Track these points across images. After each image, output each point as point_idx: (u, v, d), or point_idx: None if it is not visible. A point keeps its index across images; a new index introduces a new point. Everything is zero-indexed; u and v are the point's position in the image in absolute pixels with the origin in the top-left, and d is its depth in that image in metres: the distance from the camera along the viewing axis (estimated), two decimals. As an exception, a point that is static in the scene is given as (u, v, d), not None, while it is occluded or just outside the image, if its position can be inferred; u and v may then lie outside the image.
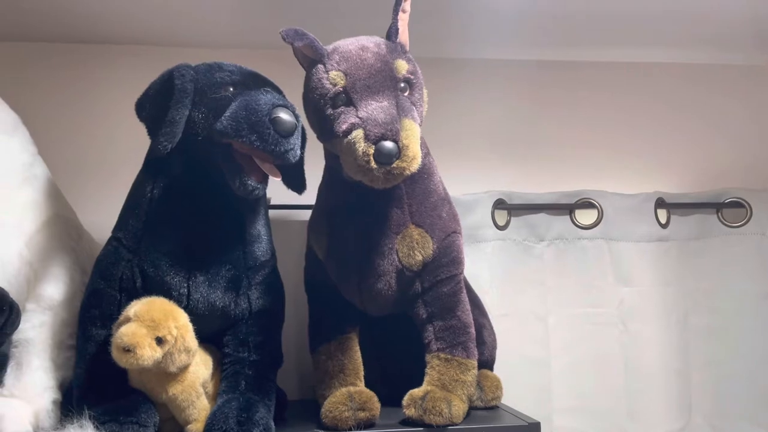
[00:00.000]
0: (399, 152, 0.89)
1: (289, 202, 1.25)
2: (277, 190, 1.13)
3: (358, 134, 0.90)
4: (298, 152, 0.95)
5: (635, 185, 1.50)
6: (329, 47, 0.99)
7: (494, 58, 1.54)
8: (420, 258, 1.06)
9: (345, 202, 1.08)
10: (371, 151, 0.89)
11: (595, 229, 1.48)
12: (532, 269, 1.47)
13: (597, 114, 1.57)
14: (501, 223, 1.46)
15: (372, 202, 1.05)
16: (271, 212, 1.36)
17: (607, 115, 1.57)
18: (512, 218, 1.48)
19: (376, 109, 0.91)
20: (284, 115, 0.89)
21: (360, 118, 0.91)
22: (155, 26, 1.38)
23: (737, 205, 1.52)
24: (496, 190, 1.46)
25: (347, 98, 0.94)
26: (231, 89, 0.94)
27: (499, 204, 1.46)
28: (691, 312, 1.49)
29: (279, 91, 1.00)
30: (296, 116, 0.92)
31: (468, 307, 1.11)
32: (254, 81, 0.97)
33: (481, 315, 1.26)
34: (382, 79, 0.95)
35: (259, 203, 1.04)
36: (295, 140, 0.92)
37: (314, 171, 1.12)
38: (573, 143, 1.55)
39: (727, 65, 1.63)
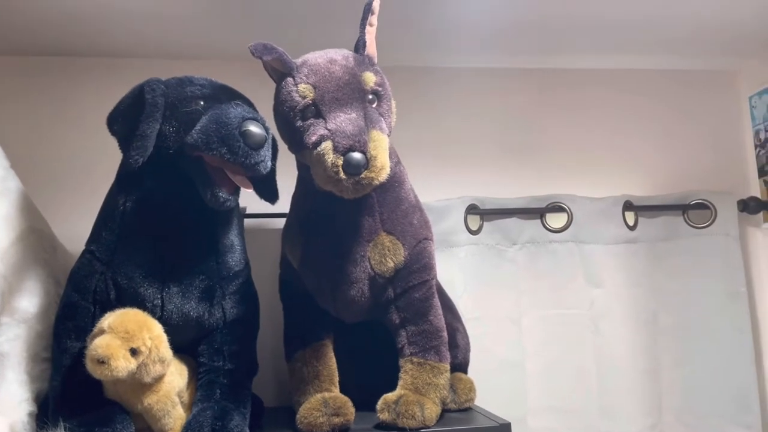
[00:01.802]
0: (367, 163, 0.91)
1: (264, 210, 1.27)
2: (252, 199, 1.14)
3: (327, 146, 0.92)
4: (269, 164, 0.97)
5: (604, 189, 1.54)
6: (298, 60, 1.01)
7: (465, 66, 1.58)
8: (392, 264, 1.08)
9: (317, 211, 1.10)
10: (340, 162, 0.91)
11: (565, 232, 1.51)
12: (505, 273, 1.50)
13: (566, 120, 1.61)
14: (474, 228, 1.49)
15: (344, 210, 1.07)
16: (247, 221, 1.39)
17: (577, 120, 1.61)
18: (485, 223, 1.51)
19: (344, 121, 0.93)
20: (254, 128, 0.91)
21: (329, 130, 0.93)
22: (126, 39, 1.39)
23: (702, 206, 1.56)
24: (469, 196, 1.49)
25: (316, 110, 0.96)
26: (201, 103, 0.95)
27: (472, 209, 1.49)
28: (660, 312, 1.53)
29: (250, 104, 1.02)
30: (266, 128, 0.94)
31: (440, 311, 1.14)
32: (225, 94, 0.99)
33: (454, 319, 1.28)
34: (350, 92, 0.97)
35: (232, 214, 1.05)
36: (266, 152, 0.94)
37: (288, 180, 1.13)
38: (544, 148, 1.59)
39: (693, 71, 1.68)
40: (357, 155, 0.90)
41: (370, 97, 0.99)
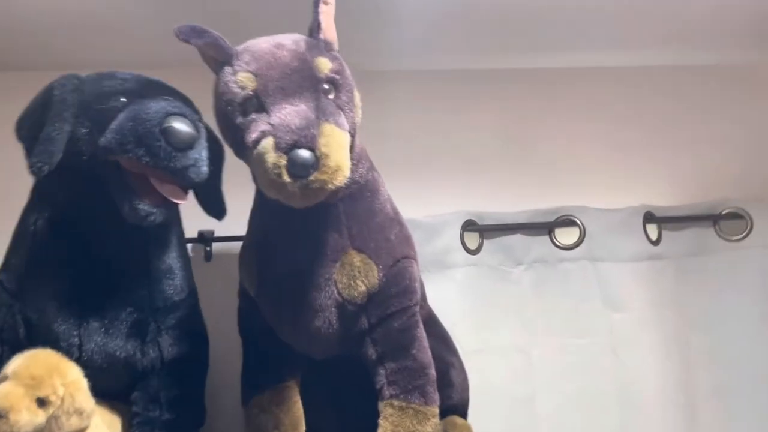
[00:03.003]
0: (317, 162, 0.74)
1: (237, 232, 1.10)
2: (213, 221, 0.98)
3: (268, 143, 0.76)
4: (205, 169, 0.81)
5: (620, 198, 1.35)
6: (240, 47, 0.85)
7: (457, 68, 1.40)
8: (363, 288, 0.90)
9: (275, 228, 0.94)
10: (283, 162, 0.74)
11: (577, 249, 1.32)
12: (510, 297, 1.32)
13: (574, 122, 1.42)
14: (472, 246, 1.31)
15: (305, 226, 0.91)
16: (217, 245, 1.23)
17: (586, 123, 1.42)
18: (485, 241, 1.33)
19: (290, 113, 0.77)
20: (178, 125, 0.75)
21: (271, 124, 0.77)
22: (61, 49, 1.24)
23: (736, 216, 1.36)
24: (465, 210, 1.31)
25: (258, 103, 0.80)
26: (122, 99, 0.80)
27: (469, 225, 1.31)
28: (691, 337, 1.33)
29: (186, 102, 0.86)
30: (197, 125, 0.78)
31: (426, 344, 0.96)
32: (152, 89, 0.83)
33: (448, 352, 1.10)
34: (300, 80, 0.80)
35: (169, 232, 0.89)
36: (197, 154, 0.78)
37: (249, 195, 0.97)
38: (549, 155, 1.40)
39: (717, 66, 1.49)
40: (303, 153, 0.74)
41: (326, 86, 0.83)
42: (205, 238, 1.22)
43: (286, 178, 0.74)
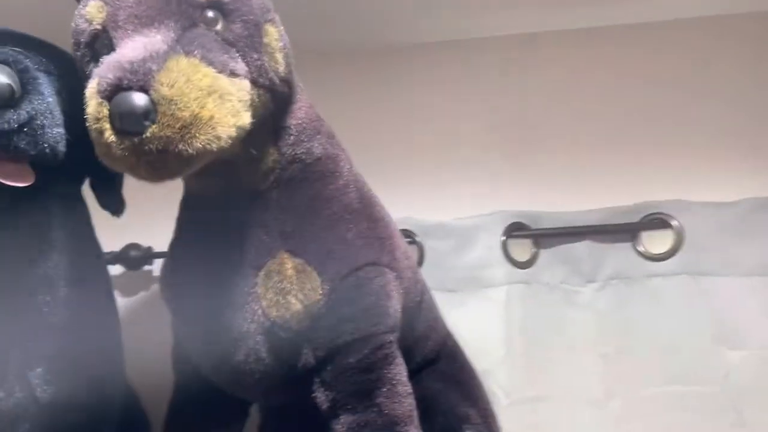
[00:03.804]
0: (153, 110, 0.49)
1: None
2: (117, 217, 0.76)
3: (91, 89, 0.52)
4: (52, 137, 0.59)
5: (732, 189, 0.95)
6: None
7: (497, 35, 1.08)
8: (298, 307, 0.63)
9: (189, 228, 0.70)
10: (105, 111, 0.50)
11: (673, 259, 0.95)
12: (577, 327, 0.97)
13: (667, 88, 1.04)
14: (522, 257, 0.98)
15: (225, 223, 0.66)
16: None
17: (683, 88, 1.04)
18: (541, 251, 0.99)
19: (132, 47, 0.53)
20: None
21: (103, 63, 0.53)
22: None
23: None
24: (510, 210, 0.99)
25: (108, 41, 0.57)
26: None
27: (517, 229, 0.98)
28: None
29: (31, 48, 0.64)
30: (25, 76, 0.56)
31: (403, 389, 0.67)
32: None
33: (465, 401, 0.80)
34: (162, 4, 0.56)
35: (46, 220, 0.67)
36: (26, 115, 0.56)
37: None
38: (627, 133, 1.03)
39: None
40: (128, 96, 0.49)
41: (209, 14, 0.57)
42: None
43: (108, 135, 0.50)
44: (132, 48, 0.52)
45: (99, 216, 0.74)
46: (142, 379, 0.85)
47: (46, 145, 0.58)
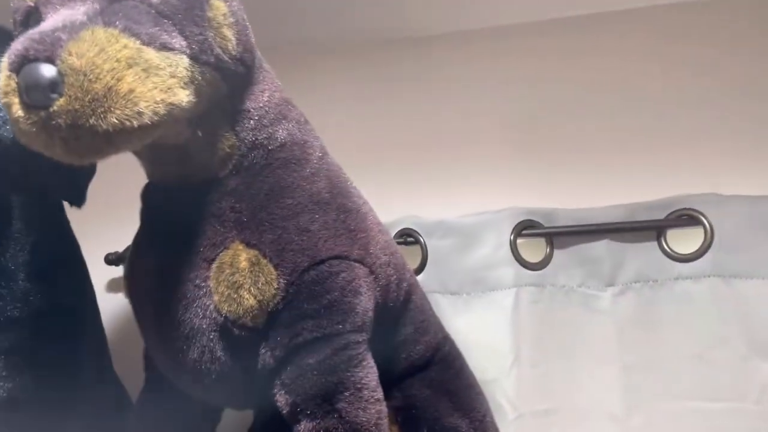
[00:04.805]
0: (60, 81, 0.46)
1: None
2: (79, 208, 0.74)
3: (3, 62, 0.49)
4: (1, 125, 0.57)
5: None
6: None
7: (508, 23, 1.01)
8: (251, 302, 0.59)
9: (147, 219, 0.67)
10: (13, 84, 0.47)
11: (702, 260, 0.85)
12: (596, 334, 0.88)
13: (688, 72, 0.93)
14: (534, 258, 0.90)
15: (178, 211, 0.63)
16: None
17: (708, 72, 0.93)
18: (555, 250, 0.91)
19: (52, 20, 0.50)
20: None
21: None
22: None
23: None
24: (521, 207, 0.91)
25: (39, 16, 0.54)
26: None
27: (528, 227, 0.91)
28: None
29: None
30: None
31: (367, 393, 0.61)
32: None
33: (455, 411, 0.73)
34: None
35: (2, 209, 0.65)
36: None
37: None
38: (651, 122, 0.94)
39: None
40: (34, 67, 0.46)
41: None
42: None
43: (16, 110, 0.47)
44: (52, 21, 0.49)
45: (103, 216, 0.71)
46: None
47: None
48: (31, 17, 0.54)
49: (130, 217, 0.68)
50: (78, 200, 0.70)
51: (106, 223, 0.96)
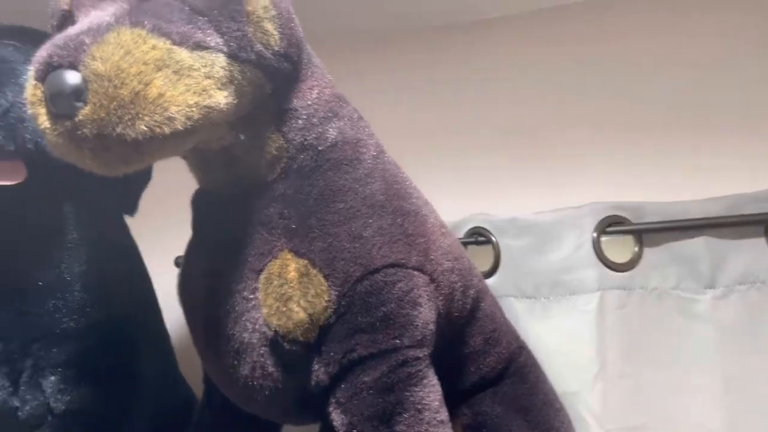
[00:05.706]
0: (84, 89, 0.43)
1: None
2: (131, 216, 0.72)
3: (30, 72, 0.47)
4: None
5: None
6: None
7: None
8: (302, 316, 0.55)
9: (198, 228, 0.65)
10: (39, 93, 0.45)
11: (820, 259, 0.74)
12: (694, 342, 0.78)
13: None
14: (619, 258, 0.82)
15: (229, 221, 0.60)
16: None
17: None
18: (645, 249, 0.82)
19: (80, 23, 0.47)
20: None
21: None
22: None
23: None
24: (605, 202, 0.83)
25: (74, 20, 0.52)
26: None
27: (615, 223, 0.82)
28: None
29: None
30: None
31: (429, 415, 0.56)
32: None
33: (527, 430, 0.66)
34: None
35: (56, 219, 0.64)
36: (5, 102, 0.53)
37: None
38: (753, 102, 0.83)
39: None
40: (58, 74, 0.43)
41: None
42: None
43: (43, 120, 0.44)
44: (79, 24, 0.47)
45: (174, 217, 0.69)
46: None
47: (27, 138, 0.55)
48: (66, 22, 0.52)
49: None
50: (130, 209, 0.69)
51: (177, 225, 0.96)
